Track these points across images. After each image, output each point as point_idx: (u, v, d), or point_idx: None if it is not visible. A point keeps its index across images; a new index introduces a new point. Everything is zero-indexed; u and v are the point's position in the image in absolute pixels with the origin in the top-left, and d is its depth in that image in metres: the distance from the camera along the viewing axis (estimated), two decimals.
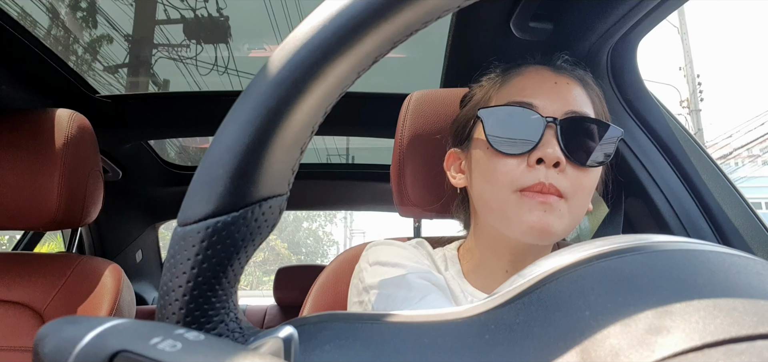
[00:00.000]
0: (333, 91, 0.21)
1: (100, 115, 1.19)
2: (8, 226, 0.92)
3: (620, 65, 0.88)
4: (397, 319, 0.20)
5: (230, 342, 0.17)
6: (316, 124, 0.22)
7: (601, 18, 0.78)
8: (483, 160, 0.60)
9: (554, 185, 0.54)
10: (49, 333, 0.17)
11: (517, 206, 0.55)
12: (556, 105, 0.58)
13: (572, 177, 0.56)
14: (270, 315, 2.16)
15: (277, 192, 0.22)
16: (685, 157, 0.85)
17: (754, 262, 0.18)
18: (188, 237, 0.19)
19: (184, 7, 2.01)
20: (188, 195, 0.20)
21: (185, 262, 0.19)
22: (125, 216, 1.86)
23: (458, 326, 0.19)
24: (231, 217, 0.20)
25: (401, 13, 0.20)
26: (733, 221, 0.79)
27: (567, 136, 0.56)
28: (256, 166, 0.20)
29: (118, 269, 0.95)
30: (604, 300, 0.17)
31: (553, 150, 0.55)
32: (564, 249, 0.21)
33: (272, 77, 0.20)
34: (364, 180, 1.88)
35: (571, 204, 0.56)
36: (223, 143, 0.20)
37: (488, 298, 0.20)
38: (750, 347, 0.13)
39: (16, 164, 0.90)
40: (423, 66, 1.48)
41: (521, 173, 0.56)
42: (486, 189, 0.59)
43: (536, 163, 0.55)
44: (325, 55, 0.20)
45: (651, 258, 0.18)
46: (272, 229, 0.22)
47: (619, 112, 0.90)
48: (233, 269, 0.20)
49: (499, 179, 0.57)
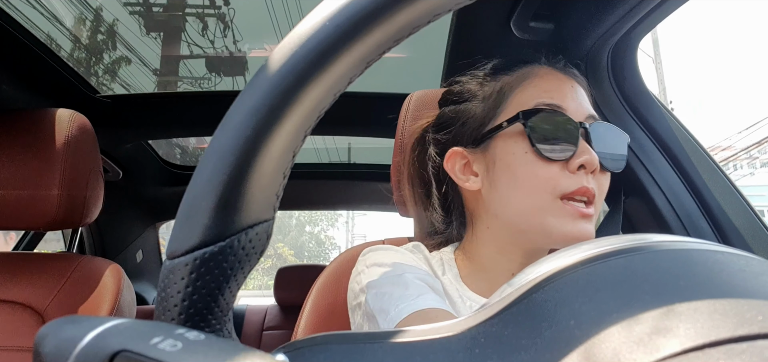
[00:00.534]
0: (310, 114, 0.21)
1: (100, 115, 1.19)
2: (9, 226, 0.92)
3: (621, 65, 0.88)
4: (390, 339, 0.20)
5: (231, 342, 0.17)
6: (297, 148, 0.22)
7: (601, 18, 0.78)
8: (518, 164, 0.57)
9: (593, 190, 0.55)
10: (50, 333, 0.17)
11: (559, 214, 0.54)
12: (580, 109, 0.58)
13: (600, 181, 0.57)
14: (270, 315, 2.16)
15: (263, 218, 0.22)
16: (686, 156, 0.85)
17: (755, 262, 0.18)
18: (176, 270, 0.20)
19: (207, 44, 2.12)
20: (174, 229, 0.20)
21: (176, 295, 0.19)
22: (126, 216, 1.86)
23: (449, 343, 0.19)
24: (217, 247, 0.20)
25: (371, 35, 0.20)
26: (734, 221, 0.79)
27: (598, 141, 0.56)
28: (238, 195, 0.20)
29: (119, 269, 0.95)
30: (589, 307, 0.17)
31: (592, 156, 0.55)
32: (553, 255, 0.21)
33: (248, 106, 0.20)
34: (365, 179, 1.88)
35: (597, 207, 0.56)
36: (205, 175, 0.20)
37: (478, 310, 0.20)
38: (750, 347, 0.13)
39: (16, 164, 0.90)
40: (423, 66, 1.48)
41: (564, 178, 0.55)
42: (518, 196, 0.57)
43: (578, 169, 0.55)
44: (299, 81, 0.20)
45: (636, 261, 0.18)
46: (261, 255, 0.22)
47: (620, 111, 0.90)
48: (225, 298, 0.20)
49: (542, 185, 0.55)
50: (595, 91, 0.91)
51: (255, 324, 2.12)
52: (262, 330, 2.10)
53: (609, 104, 0.91)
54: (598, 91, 0.91)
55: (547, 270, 0.19)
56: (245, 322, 2.12)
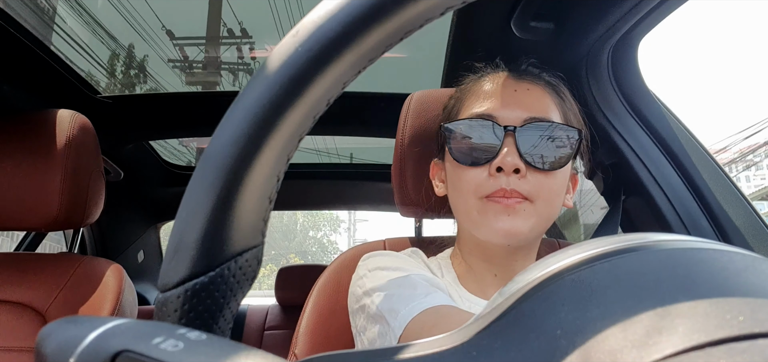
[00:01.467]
0: (291, 139, 0.21)
1: (101, 116, 1.20)
2: (10, 227, 0.92)
3: (621, 64, 0.88)
4: (386, 357, 0.20)
5: (232, 342, 0.17)
6: (281, 172, 0.22)
7: (602, 17, 0.78)
8: (451, 170, 0.64)
9: (516, 190, 0.58)
10: (51, 333, 0.17)
11: (483, 212, 0.59)
12: (516, 113, 0.60)
13: (535, 181, 0.58)
14: (272, 315, 2.16)
15: (251, 244, 0.22)
16: (686, 155, 0.85)
17: (759, 261, 0.18)
18: (169, 303, 0.20)
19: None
20: (164, 263, 0.21)
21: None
22: (127, 216, 1.86)
23: (443, 357, 0.19)
24: (208, 277, 0.20)
25: (341, 61, 0.20)
26: (734, 219, 0.79)
27: (525, 143, 0.59)
28: (224, 225, 0.20)
29: (120, 269, 0.95)
30: (575, 316, 0.16)
31: (511, 159, 0.57)
32: (542, 261, 0.21)
33: (227, 136, 0.20)
34: (366, 179, 1.88)
35: (538, 205, 0.59)
36: (190, 207, 0.20)
37: (471, 323, 0.20)
38: (752, 345, 0.13)
39: (18, 165, 0.90)
40: (423, 66, 1.48)
41: (484, 181, 0.59)
42: (456, 197, 0.63)
43: (497, 171, 0.58)
44: (276, 109, 0.20)
45: (621, 264, 0.18)
46: (253, 281, 0.22)
47: (620, 110, 0.90)
48: (219, 326, 0.21)
49: (467, 188, 0.60)
50: (595, 91, 0.91)
51: (256, 324, 2.12)
52: (264, 330, 2.10)
53: (609, 103, 0.90)
54: (598, 90, 0.91)
55: (535, 278, 0.19)
56: (247, 322, 2.12)
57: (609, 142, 0.90)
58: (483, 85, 0.65)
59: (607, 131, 0.90)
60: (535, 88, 0.63)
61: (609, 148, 0.90)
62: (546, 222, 0.61)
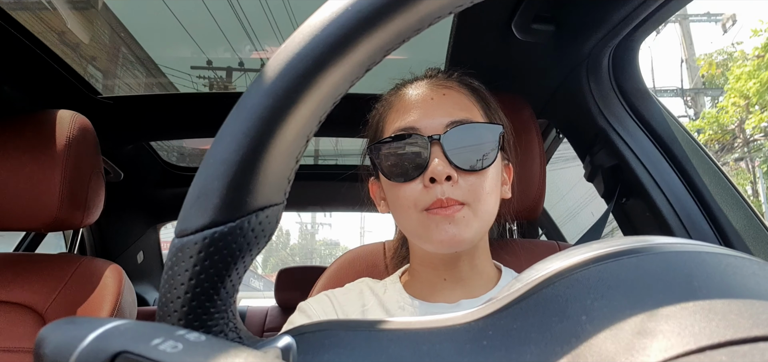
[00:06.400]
0: (327, 99, 0.21)
1: (101, 116, 1.20)
2: (10, 227, 0.92)
3: (622, 66, 0.89)
4: (395, 326, 0.20)
5: (231, 343, 0.17)
6: (311, 133, 0.22)
7: (602, 19, 0.78)
8: (388, 189, 0.63)
9: (451, 198, 0.57)
10: (50, 334, 0.17)
11: (426, 225, 0.59)
12: (438, 120, 0.60)
13: (468, 183, 0.59)
14: (271, 316, 2.16)
15: (273, 201, 0.22)
16: (687, 158, 0.85)
17: (751, 263, 0.18)
18: (185, 248, 0.19)
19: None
20: (185, 207, 0.20)
21: (183, 273, 0.19)
22: (126, 217, 1.86)
23: (456, 332, 0.19)
24: (228, 228, 0.20)
25: (393, 20, 0.20)
26: (734, 222, 0.78)
27: (452, 148, 0.58)
28: (251, 176, 0.20)
29: (120, 270, 0.95)
30: (601, 304, 0.17)
31: (442, 167, 0.57)
32: (561, 253, 0.21)
33: (265, 88, 0.20)
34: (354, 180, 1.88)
35: (475, 208, 0.59)
36: (218, 155, 0.20)
37: (486, 303, 0.20)
38: (753, 348, 0.13)
39: (17, 165, 0.90)
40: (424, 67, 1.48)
41: (420, 194, 0.59)
42: (398, 214, 0.63)
43: (430, 181, 0.58)
44: (318, 65, 0.20)
45: (648, 261, 0.18)
46: (269, 238, 0.22)
47: (620, 112, 0.90)
48: (231, 279, 0.20)
49: (406, 205, 0.60)
50: (595, 93, 0.91)
51: (256, 325, 2.13)
52: (263, 331, 2.11)
53: (610, 106, 0.91)
54: (599, 92, 0.91)
55: (557, 267, 0.19)
56: (246, 323, 2.12)
57: (610, 144, 0.90)
58: (402, 97, 0.66)
59: (607, 133, 0.90)
60: (452, 92, 0.64)
61: (610, 150, 0.90)
62: (487, 222, 0.61)
